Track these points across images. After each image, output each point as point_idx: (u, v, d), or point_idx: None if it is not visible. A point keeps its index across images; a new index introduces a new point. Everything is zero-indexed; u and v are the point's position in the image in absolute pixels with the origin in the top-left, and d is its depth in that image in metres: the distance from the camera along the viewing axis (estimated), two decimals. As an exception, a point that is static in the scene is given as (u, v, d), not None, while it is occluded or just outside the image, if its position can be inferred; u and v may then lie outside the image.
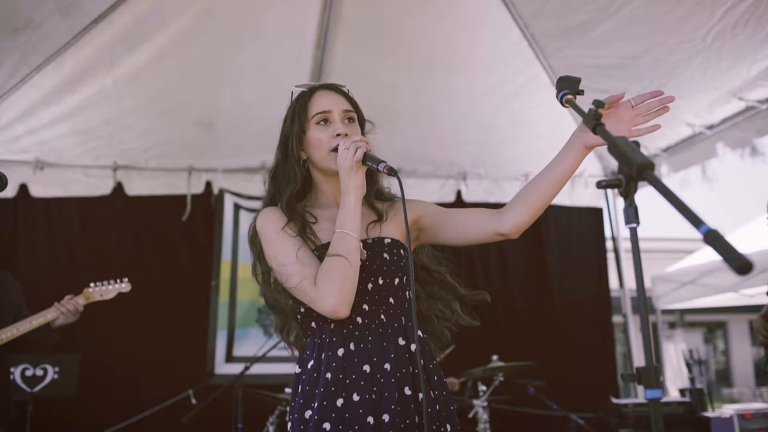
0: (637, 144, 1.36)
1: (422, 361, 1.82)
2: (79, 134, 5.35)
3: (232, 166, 5.87)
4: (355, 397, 1.77)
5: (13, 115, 5.08)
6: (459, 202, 6.13)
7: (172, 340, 5.43)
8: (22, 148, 5.38)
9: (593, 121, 1.57)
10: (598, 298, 6.30)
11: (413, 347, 1.84)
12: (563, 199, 6.32)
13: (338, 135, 1.93)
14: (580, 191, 6.34)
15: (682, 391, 6.35)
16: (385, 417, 1.76)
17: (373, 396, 1.78)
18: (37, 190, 5.49)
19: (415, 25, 5.01)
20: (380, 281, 1.87)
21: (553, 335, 5.97)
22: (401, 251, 1.94)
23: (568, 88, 1.77)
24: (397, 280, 1.90)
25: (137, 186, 5.74)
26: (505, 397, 4.67)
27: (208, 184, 5.87)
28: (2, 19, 4.32)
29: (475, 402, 4.43)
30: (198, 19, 4.76)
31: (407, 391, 1.80)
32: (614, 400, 4.93)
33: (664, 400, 5.37)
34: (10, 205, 5.44)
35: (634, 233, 1.35)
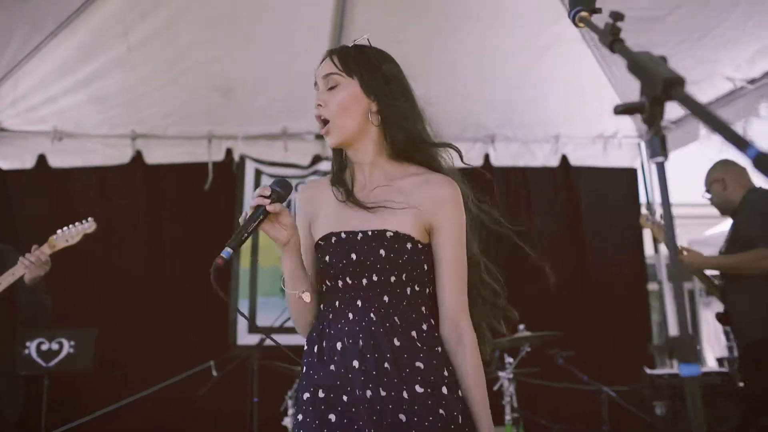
0: (664, 59, 1.11)
1: (414, 361, 1.70)
2: (97, 102, 5.24)
3: (252, 132, 5.72)
4: (357, 392, 1.68)
5: (30, 84, 4.97)
6: (487, 165, 5.90)
7: (194, 311, 5.36)
8: (40, 118, 5.29)
9: (609, 36, 1.31)
10: (633, 264, 6.05)
11: (406, 348, 1.72)
12: (597, 160, 6.07)
13: (316, 107, 1.84)
14: (614, 152, 6.07)
15: (720, 360, 6.13)
16: (401, 417, 1.66)
17: (368, 394, 1.67)
18: (55, 161, 5.41)
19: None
20: (374, 278, 1.74)
21: (584, 303, 5.76)
22: (406, 245, 1.75)
23: (581, 4, 1.50)
24: (393, 278, 1.74)
25: (157, 155, 5.63)
26: (532, 369, 4.48)
27: (229, 152, 5.73)
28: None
29: (501, 374, 4.26)
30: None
31: (418, 388, 1.68)
32: (648, 371, 4.73)
33: (703, 371, 5.16)
34: (29, 176, 5.38)
35: (661, 169, 1.07)
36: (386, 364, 1.68)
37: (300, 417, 1.75)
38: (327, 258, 1.78)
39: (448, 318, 1.79)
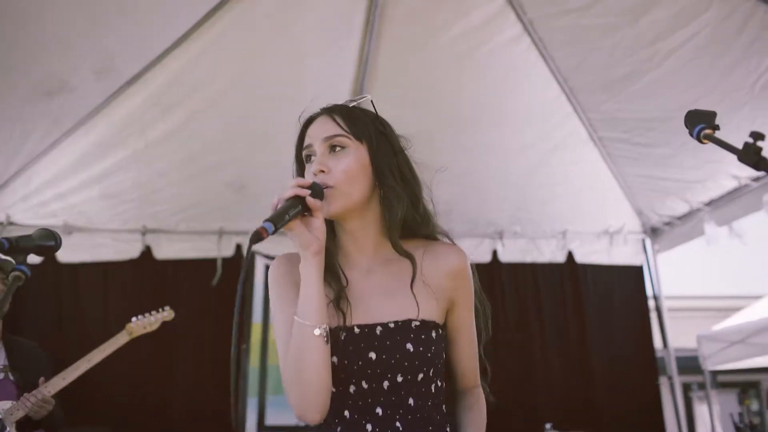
0: None
1: None
2: (109, 198, 5.25)
3: (263, 228, 5.73)
4: None
5: (43, 180, 4.99)
6: (495, 262, 5.96)
7: (205, 410, 5.22)
8: (50, 212, 5.26)
9: (754, 156, 1.36)
10: (642, 360, 6.04)
11: None
12: (602, 257, 6.14)
13: (316, 174, 1.52)
14: (619, 248, 6.16)
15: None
16: None
17: None
18: (65, 256, 5.36)
19: (452, 79, 4.95)
20: (399, 378, 1.46)
21: (597, 403, 5.71)
22: (432, 333, 1.49)
23: (703, 122, 1.54)
24: (421, 375, 1.47)
25: (166, 250, 5.60)
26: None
27: (239, 247, 5.72)
28: (37, 83, 4.28)
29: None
30: (233, 80, 4.73)
31: None
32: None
33: None
34: (37, 271, 5.30)
35: None
36: None
37: None
38: (335, 358, 1.45)
39: (467, 385, 1.65)
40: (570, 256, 6.11)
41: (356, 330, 1.47)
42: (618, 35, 4.31)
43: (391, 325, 1.47)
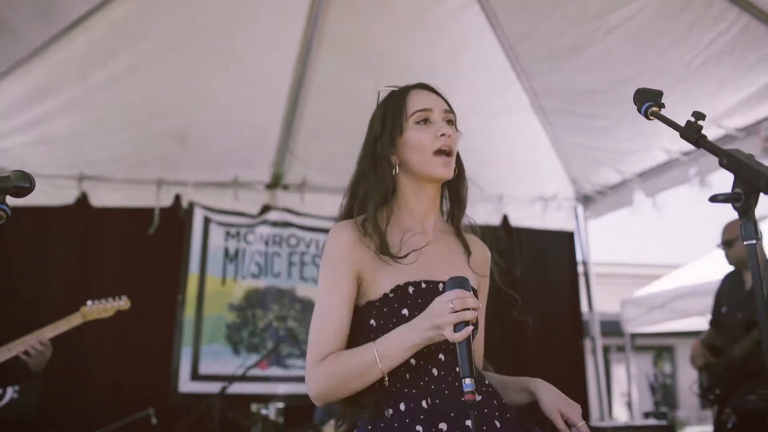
0: (751, 156, 1.29)
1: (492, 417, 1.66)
2: (45, 143, 5.11)
3: (203, 179, 5.69)
4: None
5: (-26, 123, 4.83)
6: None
7: (135, 357, 5.26)
8: (-19, 155, 5.12)
9: (695, 134, 1.45)
10: (570, 322, 6.29)
11: (482, 400, 1.66)
12: (535, 221, 6.32)
13: (442, 135, 1.71)
14: (552, 214, 6.35)
15: (647, 414, 6.41)
16: None
17: None
18: (-4, 200, 5.21)
19: (399, 44, 4.96)
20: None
21: (526, 359, 5.92)
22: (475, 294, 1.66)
23: (650, 100, 1.62)
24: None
25: (103, 198, 5.50)
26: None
27: (177, 198, 5.67)
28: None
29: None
30: (178, 31, 4.64)
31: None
32: (592, 424, 4.90)
33: (639, 423, 5.39)
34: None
35: (753, 250, 1.28)
36: (468, 422, 1.58)
37: None
38: (404, 310, 1.61)
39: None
40: (505, 219, 6.27)
41: (423, 285, 1.63)
42: (565, 7, 4.41)
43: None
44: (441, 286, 1.62)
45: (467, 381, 1.42)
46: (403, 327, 1.58)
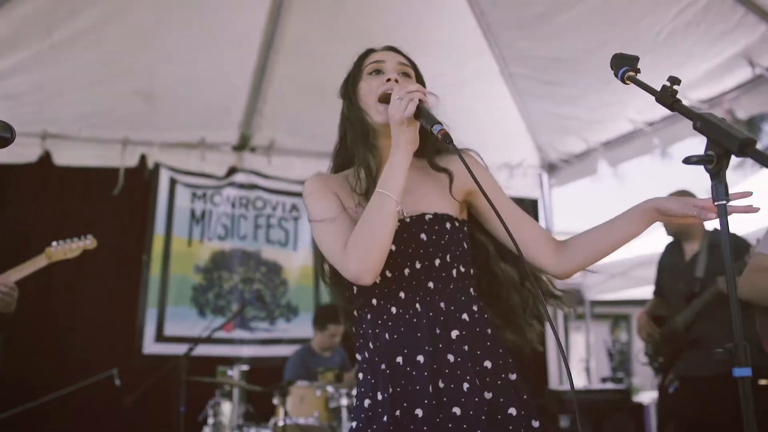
0: (723, 120, 1.33)
1: (466, 347, 1.68)
2: (6, 99, 4.97)
3: (170, 140, 5.63)
4: (416, 387, 1.65)
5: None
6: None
7: (100, 318, 5.22)
8: (-61, 110, 4.99)
9: (670, 98, 1.49)
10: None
11: (454, 334, 1.68)
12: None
13: (388, 80, 1.76)
14: (518, 180, 6.42)
15: (604, 379, 6.58)
16: (419, 412, 1.63)
17: (408, 388, 1.66)
18: (-47, 157, 5.10)
19: (371, 8, 4.94)
20: (417, 265, 1.69)
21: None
22: (446, 225, 1.72)
23: (627, 65, 1.66)
24: (438, 261, 1.70)
25: (67, 156, 5.41)
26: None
27: (143, 158, 5.60)
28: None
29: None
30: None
31: (440, 383, 1.65)
32: (551, 387, 5.02)
33: (598, 388, 5.54)
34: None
35: (723, 210, 1.33)
36: (449, 356, 1.66)
37: (355, 424, 1.71)
38: None
39: (547, 246, 1.80)
40: (471, 185, 6.31)
41: None
42: (537, -26, 4.43)
43: (407, 221, 1.71)
44: (408, 219, 1.71)
45: (435, 127, 1.54)
46: (386, 164, 1.66)
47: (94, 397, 4.47)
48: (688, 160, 1.36)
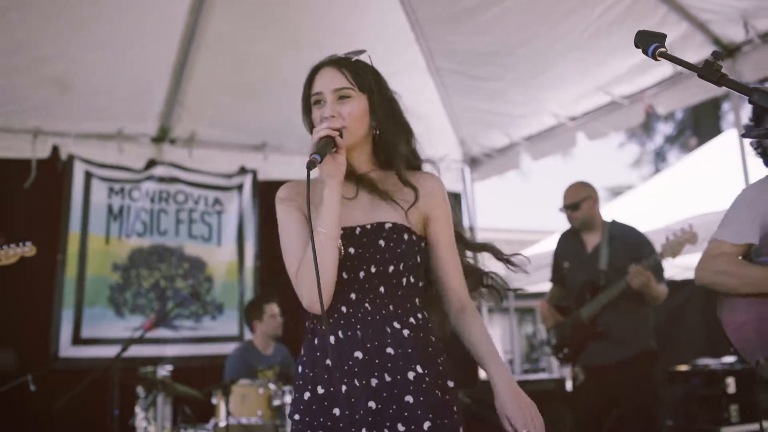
0: None
1: (415, 345, 1.79)
2: None
3: (85, 130, 5.36)
4: (356, 383, 1.74)
5: None
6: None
7: (11, 321, 4.89)
8: None
9: (716, 73, 1.44)
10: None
11: (405, 333, 1.80)
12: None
13: (324, 119, 1.82)
14: (442, 175, 6.43)
15: (526, 370, 6.73)
16: (408, 398, 1.73)
17: (373, 382, 1.74)
18: None
19: (296, 3, 4.87)
20: (372, 269, 1.80)
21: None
22: (404, 235, 1.82)
23: (655, 41, 1.58)
24: (391, 268, 1.80)
25: (-27, 146, 5.08)
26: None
27: (55, 149, 5.31)
28: None
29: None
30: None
31: (408, 374, 1.76)
32: (484, 378, 5.08)
33: (535, 378, 5.65)
34: None
35: None
36: (389, 349, 1.76)
37: (298, 416, 1.78)
38: None
39: (455, 295, 1.91)
40: (394, 179, 6.32)
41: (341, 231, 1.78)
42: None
43: (368, 227, 1.82)
44: (357, 230, 1.82)
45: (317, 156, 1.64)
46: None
47: (12, 404, 4.22)
48: (747, 134, 1.35)
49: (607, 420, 4.00)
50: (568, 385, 5.12)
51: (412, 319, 1.81)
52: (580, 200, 4.17)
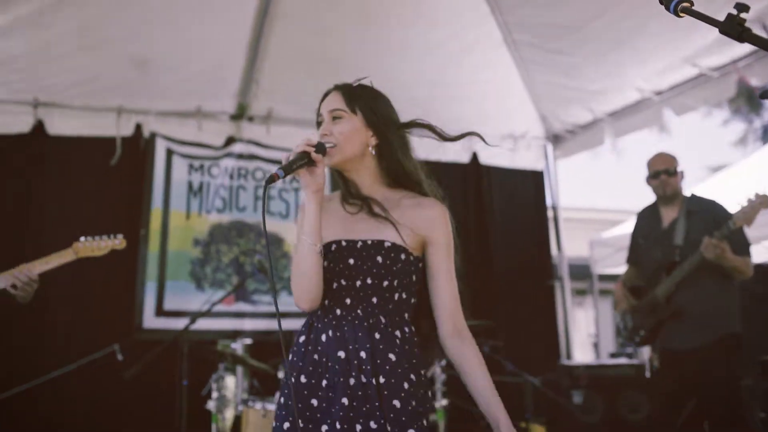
0: None
1: (397, 355, 1.94)
2: (-3, 64, 4.86)
3: (165, 108, 5.50)
4: (335, 379, 1.92)
5: None
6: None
7: (98, 293, 5.12)
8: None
9: (738, 28, 1.34)
10: (540, 263, 6.29)
11: (390, 342, 1.95)
12: (505, 160, 6.26)
13: (321, 137, 2.03)
14: (522, 153, 6.29)
15: (613, 355, 6.50)
16: (376, 402, 1.89)
17: (351, 381, 1.91)
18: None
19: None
20: (368, 281, 1.97)
21: (494, 298, 5.92)
22: (401, 255, 1.98)
23: None
24: (386, 283, 1.97)
25: (60, 126, 5.27)
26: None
27: (138, 127, 5.47)
28: None
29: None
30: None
31: (381, 379, 1.91)
32: (563, 362, 4.94)
33: (614, 362, 5.46)
34: None
35: None
36: (370, 354, 1.91)
37: (282, 400, 1.99)
38: (326, 263, 1.98)
39: (449, 320, 2.02)
40: (474, 157, 6.20)
41: (344, 243, 2.00)
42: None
43: (369, 242, 1.99)
44: (359, 243, 1.99)
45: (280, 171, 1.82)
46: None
47: (97, 373, 4.38)
48: (764, 95, 1.21)
49: (683, 410, 3.79)
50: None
51: (398, 332, 1.97)
52: (675, 167, 3.96)
